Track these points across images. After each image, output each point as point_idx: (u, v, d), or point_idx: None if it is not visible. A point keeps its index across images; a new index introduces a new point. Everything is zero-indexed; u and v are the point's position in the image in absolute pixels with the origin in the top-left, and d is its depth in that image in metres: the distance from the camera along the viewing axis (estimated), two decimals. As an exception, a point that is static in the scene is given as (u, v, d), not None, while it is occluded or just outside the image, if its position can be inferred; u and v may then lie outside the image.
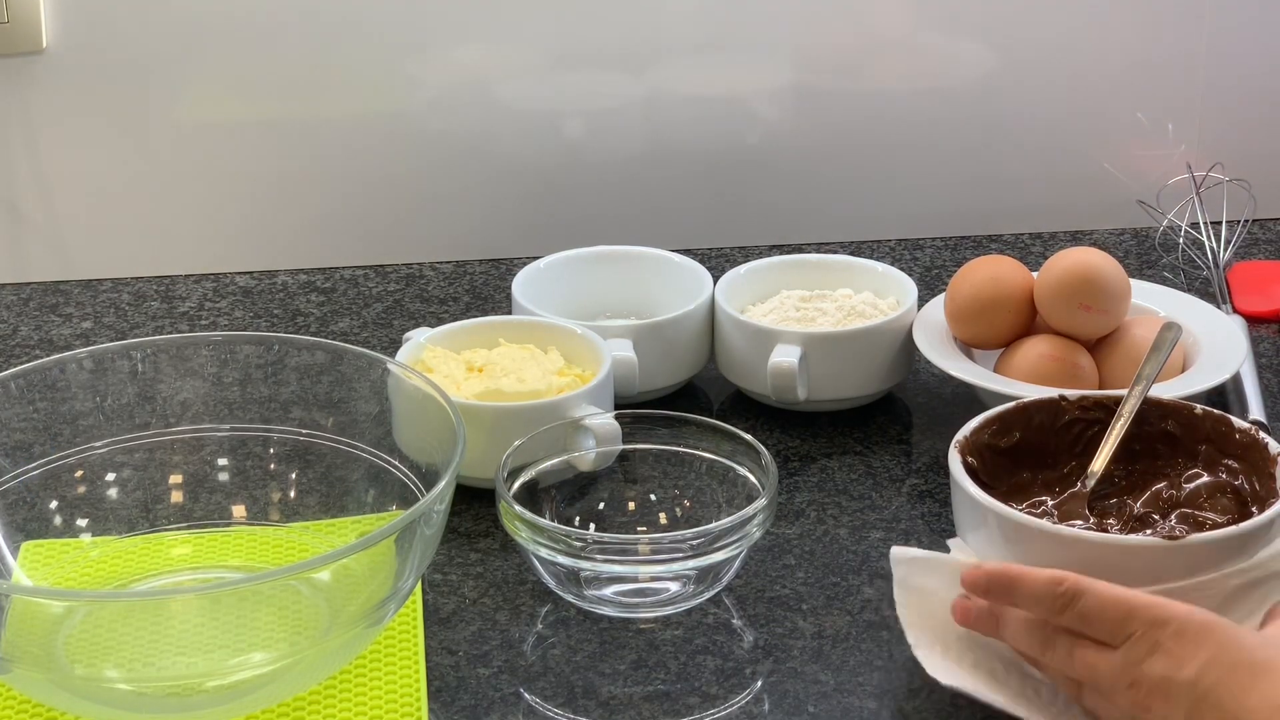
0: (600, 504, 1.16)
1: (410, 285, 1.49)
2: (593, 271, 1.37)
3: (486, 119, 1.50)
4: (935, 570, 1.02)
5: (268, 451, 1.14)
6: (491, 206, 1.53)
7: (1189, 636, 0.92)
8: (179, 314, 1.45)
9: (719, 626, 1.08)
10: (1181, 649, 0.92)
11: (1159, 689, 0.92)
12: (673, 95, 1.51)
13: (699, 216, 1.54)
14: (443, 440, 1.04)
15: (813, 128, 1.53)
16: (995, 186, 1.57)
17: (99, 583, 1.10)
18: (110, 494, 1.13)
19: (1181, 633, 0.92)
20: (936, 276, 1.49)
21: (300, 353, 1.15)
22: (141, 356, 1.14)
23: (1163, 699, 0.92)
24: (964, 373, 1.24)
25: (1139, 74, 1.54)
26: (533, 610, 1.10)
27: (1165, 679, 0.92)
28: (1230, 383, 1.26)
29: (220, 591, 1.05)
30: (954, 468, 1.05)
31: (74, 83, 1.45)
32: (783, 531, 1.16)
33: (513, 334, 1.26)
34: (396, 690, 1.01)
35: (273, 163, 1.50)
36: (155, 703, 0.97)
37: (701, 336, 1.30)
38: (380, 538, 0.96)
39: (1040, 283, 1.26)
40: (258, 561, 1.12)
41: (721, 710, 1.02)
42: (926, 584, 1.02)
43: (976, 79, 1.53)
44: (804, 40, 1.51)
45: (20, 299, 1.47)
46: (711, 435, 1.15)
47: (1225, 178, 1.48)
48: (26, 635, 1.00)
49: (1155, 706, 0.92)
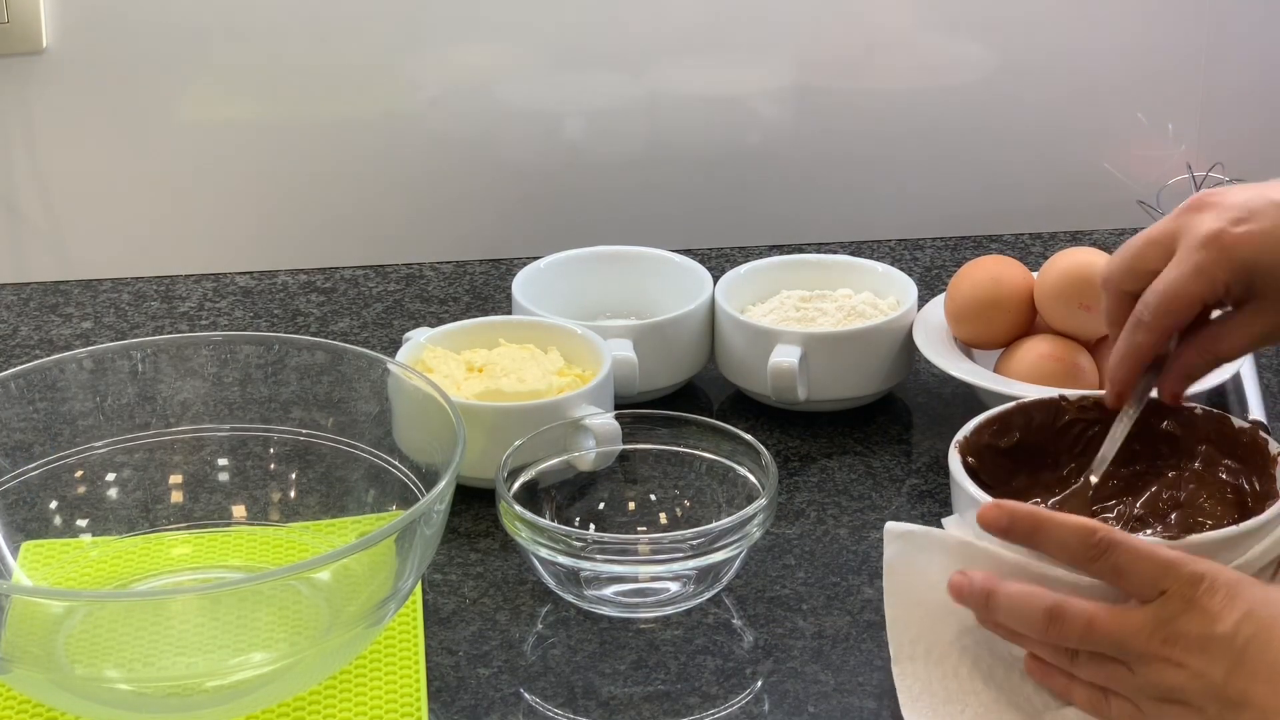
0: (600, 504, 1.16)
1: (410, 285, 1.49)
2: (593, 271, 1.37)
3: (486, 119, 1.50)
4: (929, 548, 1.01)
5: (268, 451, 1.14)
6: (491, 206, 1.53)
7: (1222, 592, 0.91)
8: (179, 314, 1.45)
9: (719, 626, 1.08)
10: (1216, 604, 0.91)
11: (1197, 645, 0.91)
12: (673, 95, 1.51)
13: (699, 216, 1.54)
14: (443, 440, 1.04)
15: (813, 128, 1.53)
16: (995, 186, 1.57)
17: (99, 583, 1.10)
18: (110, 494, 1.13)
19: (1214, 589, 0.92)
20: (936, 276, 1.49)
21: (300, 353, 1.15)
22: (141, 356, 1.14)
23: (1200, 654, 0.91)
24: (964, 373, 1.24)
25: (1139, 74, 1.54)
26: (533, 610, 1.10)
27: (1204, 635, 0.91)
28: (1230, 383, 1.26)
29: (220, 591, 1.05)
30: (954, 468, 1.04)
31: (74, 83, 1.45)
32: (783, 531, 1.16)
33: (513, 334, 1.26)
34: (396, 690, 1.01)
35: (273, 163, 1.50)
36: (155, 703, 0.97)
37: (701, 336, 1.30)
38: (380, 538, 0.96)
39: (1040, 283, 1.26)
40: (258, 561, 1.12)
41: (721, 710, 1.02)
42: (919, 562, 1.01)
43: (976, 79, 1.53)
44: (804, 40, 1.51)
45: (20, 299, 1.47)
46: (711, 435, 1.15)
47: (1225, 178, 1.48)
48: (26, 635, 0.99)
49: (1191, 663, 0.91)
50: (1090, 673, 0.96)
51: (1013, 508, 0.97)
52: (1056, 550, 0.96)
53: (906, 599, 1.01)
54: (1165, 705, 0.93)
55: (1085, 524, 0.95)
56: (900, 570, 1.02)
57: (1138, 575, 0.93)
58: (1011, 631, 0.98)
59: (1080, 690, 0.96)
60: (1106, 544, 0.94)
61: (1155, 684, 0.93)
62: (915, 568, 1.01)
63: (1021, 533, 0.97)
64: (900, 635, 1.01)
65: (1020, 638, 0.98)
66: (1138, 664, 0.93)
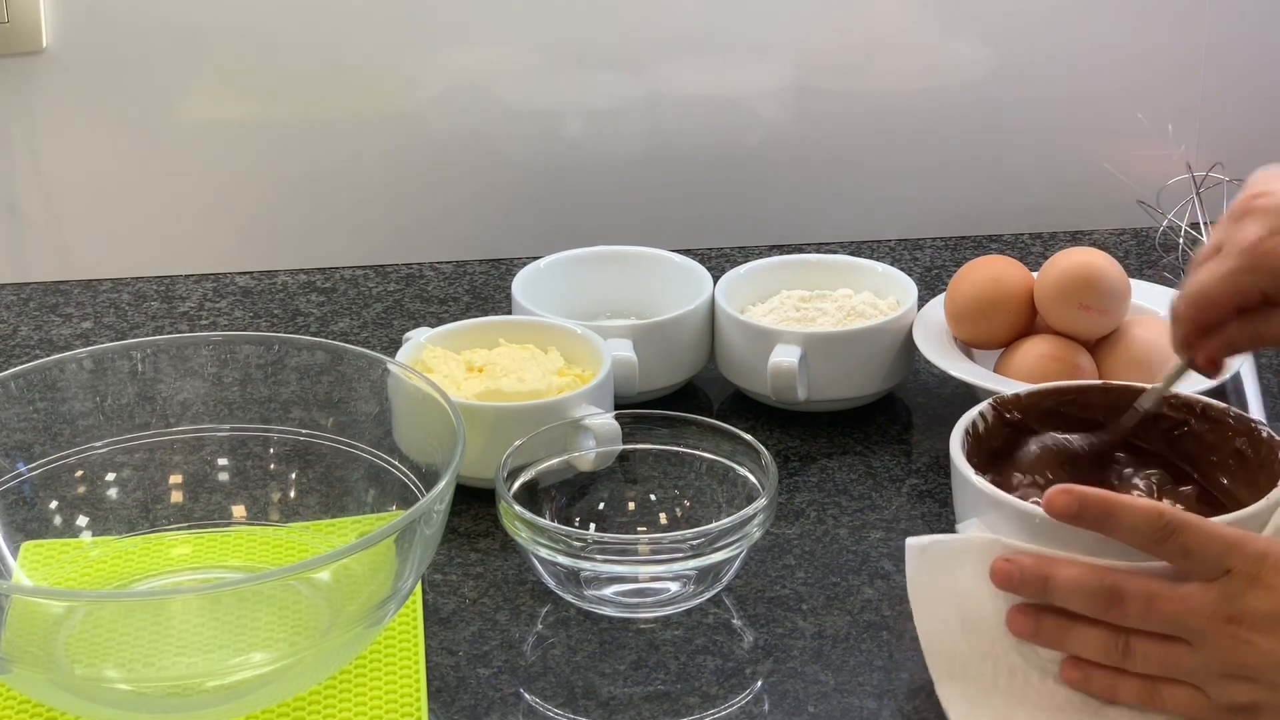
0: (600, 504, 1.16)
1: (410, 285, 1.49)
2: (593, 271, 1.37)
3: (486, 119, 1.50)
4: (957, 554, 0.99)
5: (268, 451, 1.14)
6: (491, 206, 1.53)
7: None
8: (179, 314, 1.45)
9: (719, 626, 1.08)
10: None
11: (1265, 623, 0.91)
12: (673, 95, 1.51)
13: (699, 216, 1.54)
14: (443, 440, 1.04)
15: (813, 128, 1.53)
16: (995, 186, 1.57)
17: (99, 583, 1.10)
18: (110, 494, 1.13)
19: (1279, 566, 0.91)
20: (936, 276, 1.49)
21: (300, 353, 1.15)
22: (141, 356, 1.14)
23: (1269, 632, 0.91)
24: (964, 373, 1.24)
25: (1139, 74, 1.54)
26: (533, 610, 1.10)
27: (1272, 612, 0.91)
28: (1230, 383, 1.26)
29: (220, 591, 1.05)
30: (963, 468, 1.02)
31: (74, 83, 1.45)
32: (783, 531, 1.16)
33: (513, 334, 1.26)
34: (396, 690, 1.01)
35: (273, 163, 1.50)
36: (155, 703, 0.97)
37: (701, 336, 1.30)
38: (380, 538, 0.97)
39: (1040, 283, 1.26)
40: (258, 561, 1.12)
41: (721, 710, 1.02)
42: (946, 572, 0.99)
43: (976, 79, 1.53)
44: (804, 40, 1.51)
45: (20, 299, 1.47)
46: (711, 435, 1.15)
47: (1225, 178, 1.48)
48: (26, 635, 0.99)
49: (1259, 642, 0.91)
50: (1146, 660, 0.95)
51: (1083, 493, 0.95)
52: (1127, 534, 0.94)
53: (937, 614, 1.00)
54: (1231, 682, 0.92)
55: (1153, 506, 0.94)
56: (925, 585, 1.00)
57: (1204, 554, 0.93)
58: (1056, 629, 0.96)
59: (1129, 685, 0.96)
60: (1175, 525, 0.93)
61: (1221, 661, 0.92)
62: (941, 579, 1.00)
63: (1092, 518, 0.95)
64: (936, 651, 1.00)
65: (1066, 634, 0.96)
66: (1201, 642, 0.93)
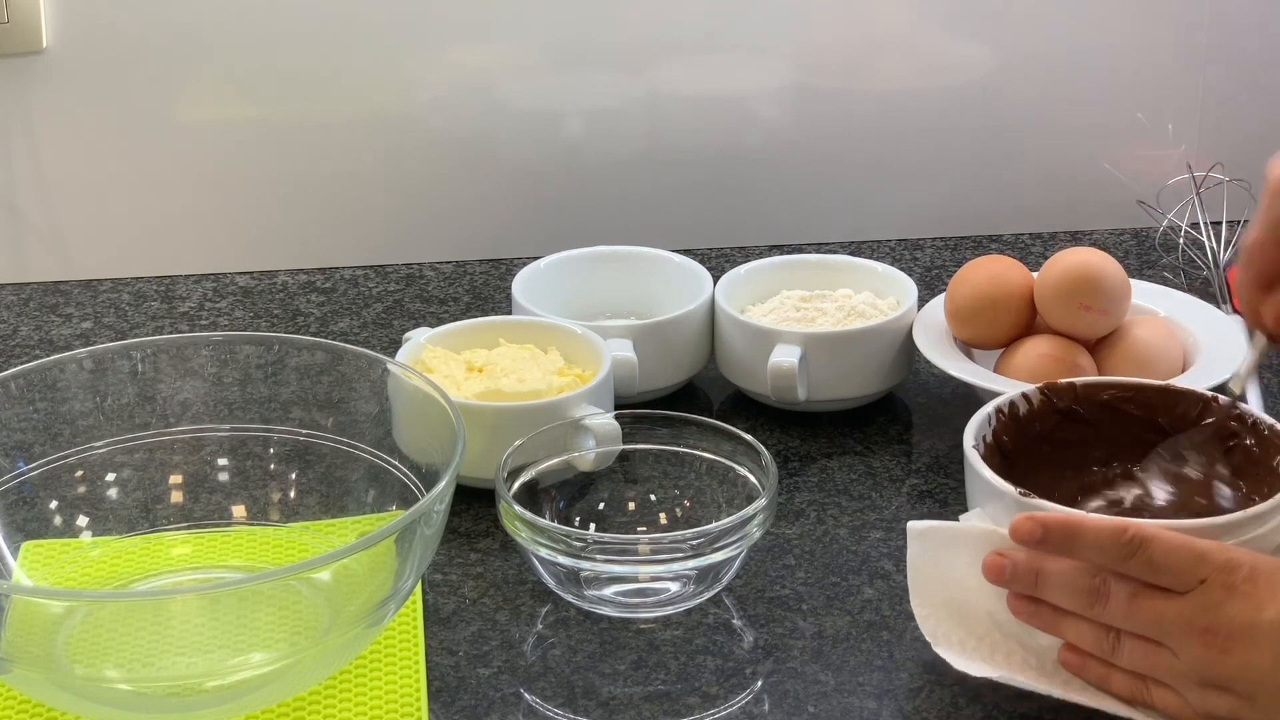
0: (600, 504, 1.16)
1: (410, 285, 1.49)
2: (593, 271, 1.37)
3: (486, 119, 1.50)
4: (955, 542, 1.00)
5: (268, 451, 1.14)
6: (491, 206, 1.53)
7: (1263, 579, 0.91)
8: (179, 314, 1.45)
9: (719, 626, 1.08)
10: (1258, 591, 0.90)
11: (1242, 634, 0.90)
12: (673, 95, 1.51)
13: (699, 216, 1.54)
14: (443, 440, 1.04)
15: (813, 128, 1.53)
16: (995, 186, 1.57)
17: (99, 583, 1.10)
18: (110, 494, 1.13)
19: (1254, 576, 0.91)
20: (936, 276, 1.49)
21: (300, 353, 1.15)
22: (141, 356, 1.14)
23: (1247, 643, 0.90)
24: (964, 373, 1.24)
25: (1139, 74, 1.54)
26: (533, 610, 1.10)
27: (1249, 623, 0.90)
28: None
29: (220, 591, 1.05)
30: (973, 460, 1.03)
31: (74, 83, 1.45)
32: (783, 531, 1.16)
33: (513, 334, 1.26)
34: (396, 690, 1.01)
35: (273, 163, 1.50)
36: (155, 703, 0.97)
37: (701, 336, 1.30)
38: (380, 538, 0.96)
39: (1040, 283, 1.26)
40: (258, 561, 1.12)
41: (721, 710, 1.02)
42: (943, 559, 1.00)
43: (976, 79, 1.53)
44: (804, 40, 1.51)
45: (20, 299, 1.47)
46: (711, 435, 1.15)
47: (1225, 178, 1.48)
48: (26, 635, 0.99)
49: (1237, 651, 0.90)
50: (1132, 659, 0.95)
51: (1044, 519, 0.96)
52: (1094, 554, 0.94)
53: (934, 598, 1.01)
54: (1210, 692, 0.92)
55: (1117, 523, 0.94)
56: (924, 568, 1.01)
57: (1173, 568, 0.92)
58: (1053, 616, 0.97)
59: (1120, 679, 0.96)
60: (1140, 540, 0.93)
61: (1198, 671, 0.92)
62: (939, 564, 1.01)
63: (1058, 542, 0.95)
64: (934, 634, 1.01)
65: (1059, 625, 0.97)
66: (1180, 650, 0.92)
